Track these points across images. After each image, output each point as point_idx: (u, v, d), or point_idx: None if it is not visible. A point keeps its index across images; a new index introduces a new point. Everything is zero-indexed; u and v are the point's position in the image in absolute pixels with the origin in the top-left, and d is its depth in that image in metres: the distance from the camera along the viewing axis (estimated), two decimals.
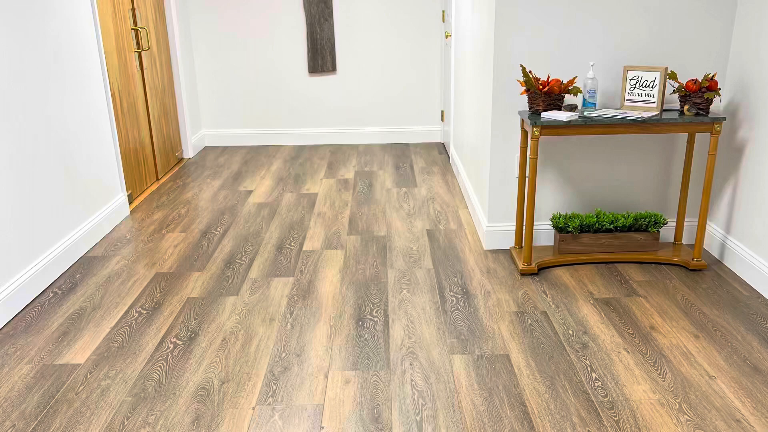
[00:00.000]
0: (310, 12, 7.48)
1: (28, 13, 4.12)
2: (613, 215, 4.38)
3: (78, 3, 4.74)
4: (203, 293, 4.09)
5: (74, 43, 4.68)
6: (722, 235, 4.42)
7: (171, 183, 6.41)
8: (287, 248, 4.75)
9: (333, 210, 5.56)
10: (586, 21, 4.17)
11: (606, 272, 4.26)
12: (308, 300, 3.98)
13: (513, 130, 4.40)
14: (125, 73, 5.72)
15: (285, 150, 7.73)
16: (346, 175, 6.61)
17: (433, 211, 5.49)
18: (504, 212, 4.62)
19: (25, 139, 4.04)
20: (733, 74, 4.24)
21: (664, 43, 4.23)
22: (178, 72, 7.10)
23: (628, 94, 4.08)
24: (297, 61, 7.73)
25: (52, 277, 4.29)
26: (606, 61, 4.26)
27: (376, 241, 4.85)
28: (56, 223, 4.41)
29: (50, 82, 4.36)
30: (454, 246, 4.74)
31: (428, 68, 7.79)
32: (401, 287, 4.12)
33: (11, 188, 3.91)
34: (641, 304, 3.83)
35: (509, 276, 4.25)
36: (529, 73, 3.99)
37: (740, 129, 4.20)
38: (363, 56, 7.73)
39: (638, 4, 4.14)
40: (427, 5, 7.53)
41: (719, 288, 4.02)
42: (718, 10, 4.16)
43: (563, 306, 3.84)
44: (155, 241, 4.92)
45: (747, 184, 4.15)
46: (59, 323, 3.76)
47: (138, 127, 6.00)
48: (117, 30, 5.55)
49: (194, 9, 7.49)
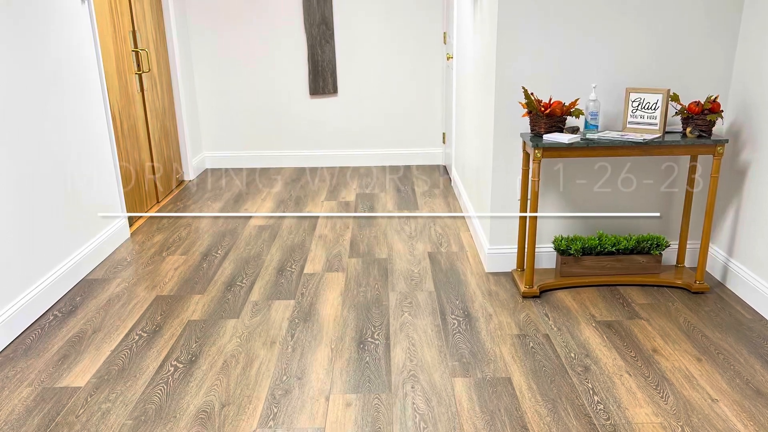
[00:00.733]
0: (311, 34, 7.54)
1: (29, 35, 4.16)
2: (615, 238, 4.40)
3: (78, 24, 4.79)
4: (204, 316, 4.11)
5: (75, 64, 4.73)
6: (725, 257, 4.44)
7: (171, 205, 6.44)
8: (288, 271, 4.78)
9: (334, 232, 5.58)
10: (588, 43, 4.21)
11: (608, 295, 4.28)
12: (309, 323, 4.00)
13: (515, 153, 4.43)
14: (125, 94, 5.77)
15: (286, 172, 7.77)
16: (348, 198, 6.64)
17: (434, 233, 5.52)
18: (506, 235, 4.64)
19: (25, 161, 4.08)
20: (736, 96, 4.27)
21: (666, 65, 4.26)
22: (179, 94, 7.15)
23: (631, 116, 4.11)
24: (298, 83, 7.78)
25: (52, 299, 4.31)
26: (608, 83, 4.29)
27: (378, 264, 4.87)
28: (56, 246, 4.43)
29: (50, 103, 4.40)
30: (456, 268, 4.77)
31: (430, 90, 7.83)
32: (402, 310, 4.14)
33: (11, 210, 3.94)
34: (643, 327, 3.85)
35: (511, 299, 4.27)
36: (530, 95, 4.02)
37: (743, 151, 4.23)
38: (364, 78, 7.78)
39: (641, 25, 4.18)
40: (428, 27, 7.59)
41: (722, 311, 4.04)
42: (721, 32, 4.20)
43: (565, 329, 3.86)
44: (156, 263, 4.95)
45: (750, 206, 4.18)
46: (59, 346, 3.78)
47: (138, 149, 6.04)
48: (117, 52, 5.61)
49: (195, 31, 7.55)
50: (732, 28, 4.19)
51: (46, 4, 4.35)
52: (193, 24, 7.53)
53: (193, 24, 7.53)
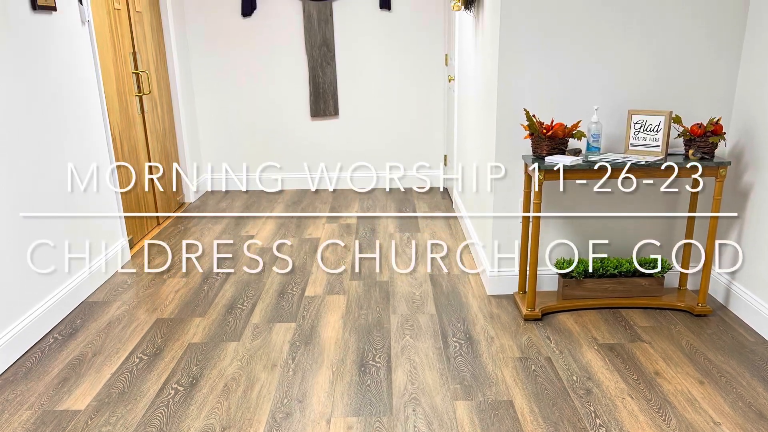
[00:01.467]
0: (312, 56, 7.60)
1: (29, 55, 4.21)
2: (617, 260, 4.43)
3: (79, 46, 4.84)
4: (205, 339, 4.13)
5: (75, 86, 4.77)
6: (727, 280, 4.46)
7: (172, 228, 6.47)
8: (289, 293, 4.80)
9: (335, 255, 5.61)
10: (590, 65, 4.24)
11: (610, 318, 4.29)
12: (310, 345, 4.02)
13: (516, 175, 4.46)
14: (126, 116, 5.81)
15: (287, 194, 7.80)
16: (349, 220, 6.67)
17: (436, 256, 5.54)
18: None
19: (25, 183, 4.11)
20: (738, 118, 4.29)
21: (668, 87, 4.29)
22: (179, 116, 7.20)
23: (633, 138, 4.14)
24: (299, 105, 7.83)
25: (52, 322, 4.34)
26: (610, 105, 4.32)
27: (379, 286, 4.89)
28: (57, 268, 4.46)
29: (51, 125, 4.43)
30: (457, 291, 4.79)
31: (431, 112, 7.88)
32: (404, 333, 4.16)
33: (12, 232, 3.97)
34: (646, 350, 3.87)
35: (513, 321, 4.29)
36: (532, 117, 4.06)
37: (745, 173, 4.26)
38: (365, 100, 7.83)
39: (643, 47, 4.21)
40: (430, 49, 7.65)
41: (724, 333, 4.06)
42: (723, 54, 4.23)
43: (567, 352, 3.87)
44: (156, 286, 4.97)
45: (752, 228, 4.20)
46: (60, 369, 3.80)
47: (139, 172, 6.07)
48: (118, 73, 5.66)
49: (195, 53, 7.61)
50: (734, 50, 4.23)
51: (46, 25, 4.40)
52: (193, 45, 7.59)
53: (194, 45, 7.59)
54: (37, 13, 4.28)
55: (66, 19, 4.66)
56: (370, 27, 7.57)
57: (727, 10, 4.14)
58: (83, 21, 4.90)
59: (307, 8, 7.42)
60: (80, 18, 4.86)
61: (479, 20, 4.96)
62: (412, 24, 7.55)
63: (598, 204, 4.51)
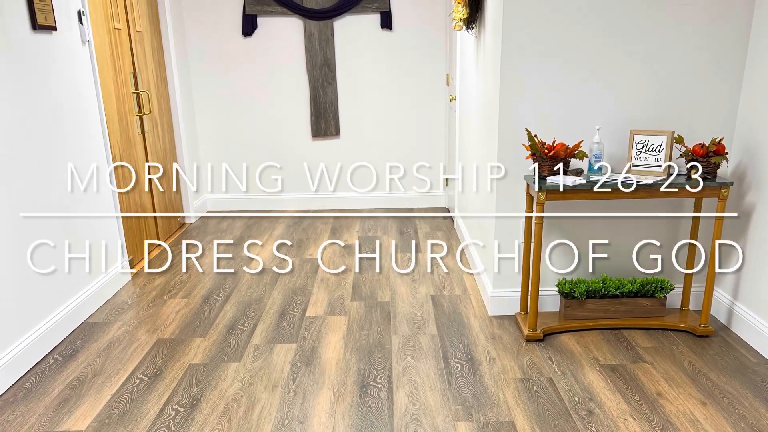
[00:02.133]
0: (313, 76, 7.64)
1: (29, 75, 4.26)
2: (619, 281, 4.45)
3: (79, 66, 4.89)
4: (205, 359, 4.15)
5: (75, 106, 4.81)
6: (729, 300, 4.48)
7: (173, 248, 6.50)
8: (290, 314, 4.83)
9: (336, 275, 5.63)
10: (591, 84, 4.27)
11: (612, 338, 4.32)
12: (311, 366, 4.04)
13: (518, 195, 4.49)
14: (126, 136, 5.85)
15: (288, 214, 7.83)
16: (350, 240, 6.70)
17: (437, 276, 5.57)
18: (509, 278, 4.69)
19: (25, 203, 4.15)
20: (741, 138, 4.32)
21: (671, 107, 4.31)
22: (180, 136, 7.24)
23: (635, 158, 4.16)
24: (300, 125, 7.88)
25: (52, 343, 4.36)
26: (612, 124, 4.34)
27: (380, 307, 4.92)
28: (57, 289, 4.49)
29: (51, 145, 4.47)
30: (459, 312, 4.81)
31: (432, 132, 7.92)
32: (405, 353, 4.18)
33: (12, 253, 4.00)
34: (648, 371, 3.89)
35: (514, 342, 4.31)
36: (534, 137, 4.09)
37: (748, 193, 4.29)
38: (366, 120, 7.87)
39: (645, 67, 4.24)
40: (431, 69, 7.70)
41: (726, 354, 4.08)
42: (726, 74, 4.26)
43: (569, 372, 3.90)
44: (157, 306, 5.00)
45: (754, 249, 4.23)
46: (60, 390, 3.82)
47: (139, 192, 6.11)
48: (118, 93, 5.70)
49: (196, 73, 7.66)
50: (736, 70, 4.25)
51: (46, 45, 4.46)
52: (194, 65, 7.65)
53: (195, 65, 7.65)
54: (37, 33, 4.33)
55: (66, 39, 4.71)
56: (372, 47, 7.62)
57: (730, 30, 4.18)
58: (83, 41, 4.95)
59: (308, 28, 7.48)
60: (80, 38, 4.91)
61: (480, 40, 4.99)
62: (413, 44, 7.61)
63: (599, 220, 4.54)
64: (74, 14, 4.82)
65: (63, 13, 4.66)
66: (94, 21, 5.22)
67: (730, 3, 4.12)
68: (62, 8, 4.66)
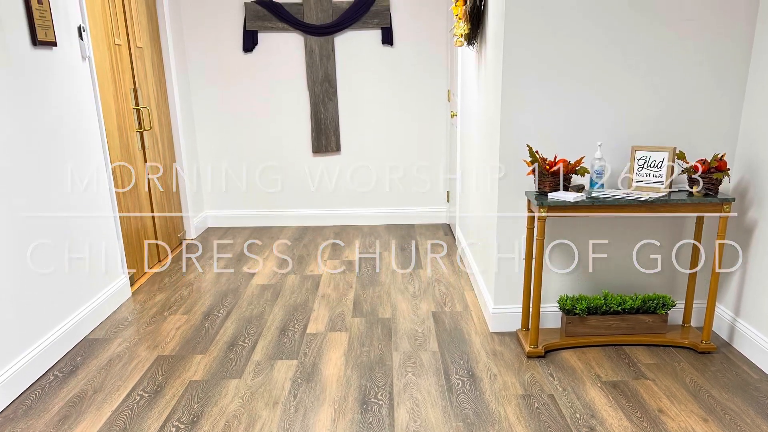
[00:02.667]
0: (314, 91, 7.68)
1: (29, 91, 4.29)
2: (620, 297, 4.47)
3: (79, 82, 4.93)
4: (206, 376, 4.17)
5: (75, 122, 4.85)
6: (731, 317, 4.50)
7: (173, 264, 6.53)
8: (291, 330, 4.84)
9: (337, 292, 5.66)
10: (593, 100, 4.29)
11: (614, 355, 4.33)
12: (312, 383, 4.06)
13: (519, 211, 4.52)
14: (127, 152, 5.89)
15: (288, 231, 7.86)
16: (351, 257, 6.72)
17: (438, 293, 5.59)
18: (510, 294, 4.71)
19: (26, 220, 4.18)
20: (743, 154, 4.34)
21: (672, 123, 4.33)
22: (180, 152, 7.28)
23: (636, 174, 4.18)
24: (301, 141, 7.91)
25: (53, 359, 4.38)
26: (614, 140, 4.36)
27: (381, 324, 4.93)
28: (57, 305, 4.51)
29: (51, 161, 4.50)
30: (460, 328, 4.83)
31: (433, 148, 7.95)
32: (406, 370, 4.20)
33: (12, 270, 4.03)
34: (649, 387, 3.90)
35: (516, 359, 4.33)
36: (535, 153, 4.11)
37: (749, 210, 4.31)
38: (368, 136, 7.91)
39: (646, 83, 4.27)
40: (432, 84, 7.74)
41: (728, 371, 4.10)
42: (727, 90, 4.28)
43: (570, 389, 3.91)
44: (157, 323, 5.02)
45: (756, 265, 4.25)
46: (60, 406, 3.84)
47: (140, 208, 6.14)
48: (118, 109, 5.74)
49: (196, 89, 7.71)
50: (738, 86, 4.28)
51: (46, 61, 4.50)
52: (194, 81, 7.69)
53: (195, 81, 7.69)
54: (37, 48, 4.37)
55: (66, 54, 4.75)
56: (373, 62, 7.67)
57: (732, 45, 4.20)
58: (84, 56, 4.99)
59: (308, 43, 7.52)
60: (81, 53, 4.95)
61: (482, 56, 5.03)
62: (414, 59, 7.65)
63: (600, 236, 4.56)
64: (74, 30, 4.86)
65: (63, 28, 4.71)
66: (94, 37, 5.27)
67: (731, 18, 4.15)
68: (62, 24, 4.70)
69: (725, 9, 4.13)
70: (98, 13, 5.36)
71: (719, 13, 4.14)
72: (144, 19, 6.44)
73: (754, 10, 4.13)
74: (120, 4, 5.83)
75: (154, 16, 6.77)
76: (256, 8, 7.39)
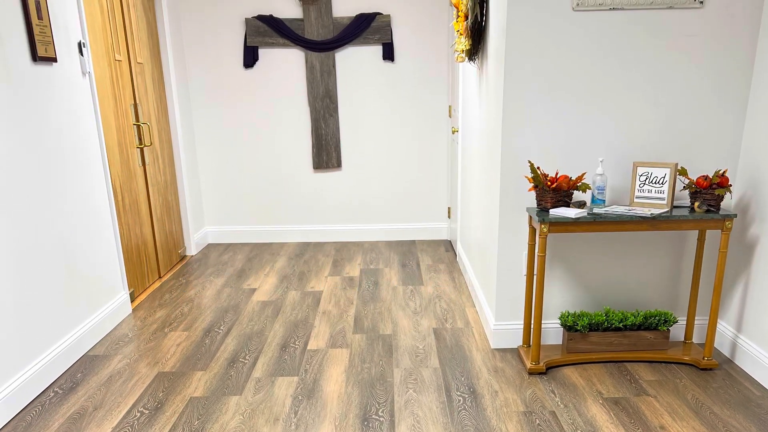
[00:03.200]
0: (315, 107, 7.72)
1: (29, 107, 4.32)
2: (622, 313, 4.49)
3: (79, 98, 4.96)
4: (206, 393, 4.19)
5: (76, 138, 4.88)
6: (733, 333, 4.52)
7: (174, 281, 6.55)
8: (292, 347, 4.86)
9: (338, 308, 5.68)
10: (595, 116, 4.32)
11: (615, 371, 4.35)
12: (313, 399, 4.08)
13: (521, 227, 4.55)
14: (127, 168, 5.92)
15: (289, 247, 7.89)
16: (352, 273, 6.75)
17: (439, 309, 5.61)
18: (512, 310, 4.73)
19: (26, 236, 4.21)
20: (745, 170, 4.36)
21: (674, 139, 4.36)
22: (181, 168, 7.32)
23: (638, 190, 4.21)
24: (301, 157, 7.95)
25: (53, 376, 4.41)
26: (615, 156, 4.39)
27: (382, 340, 4.95)
28: (57, 322, 4.54)
29: (51, 177, 4.53)
30: (461, 345, 4.85)
31: (435, 164, 7.99)
32: (407, 386, 4.22)
33: (12, 286, 4.06)
34: (651, 404, 3.92)
35: (517, 375, 4.35)
36: (537, 169, 4.13)
37: (751, 226, 4.33)
38: (368, 152, 7.95)
39: (648, 99, 4.29)
40: (433, 100, 7.78)
41: (730, 387, 4.11)
42: (729, 106, 4.30)
43: (572, 406, 3.93)
44: (158, 339, 5.04)
45: (758, 281, 4.27)
46: (60, 423, 3.85)
47: (140, 224, 6.18)
48: (119, 125, 5.78)
49: (197, 104, 7.75)
50: (740, 101, 4.30)
51: (47, 77, 4.53)
52: (195, 97, 7.74)
53: (195, 97, 7.74)
54: (37, 64, 4.41)
55: (67, 70, 4.79)
56: (374, 78, 7.71)
57: (733, 61, 4.23)
58: (84, 72, 5.02)
59: (309, 59, 7.57)
60: (81, 69, 4.99)
61: (483, 71, 5.06)
62: (415, 75, 7.70)
63: (602, 253, 4.59)
64: (75, 46, 4.91)
65: (63, 44, 4.75)
66: (94, 52, 5.31)
67: (733, 34, 4.19)
68: (63, 40, 4.74)
69: (727, 24, 4.17)
70: (98, 28, 5.41)
71: (721, 29, 4.18)
72: (144, 35, 6.49)
73: (756, 25, 4.17)
74: (120, 20, 5.88)
75: (155, 32, 6.82)
76: (257, 24, 7.45)
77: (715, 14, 4.14)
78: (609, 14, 4.14)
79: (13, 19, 4.12)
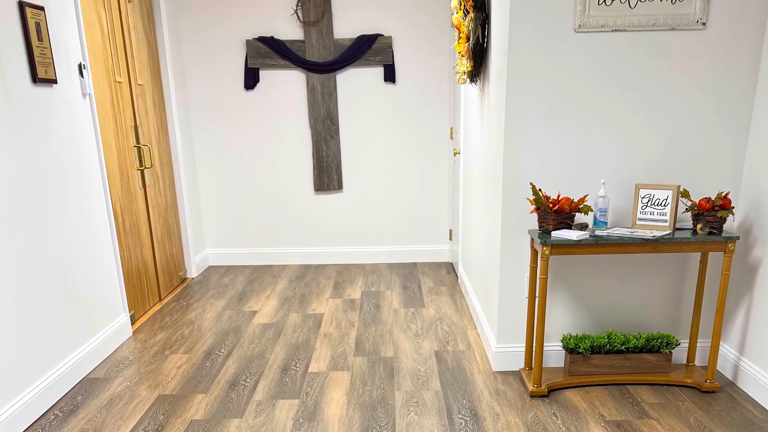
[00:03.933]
0: (316, 129, 7.76)
1: (29, 129, 4.36)
2: (624, 336, 4.51)
3: (79, 120, 5.00)
4: (207, 415, 4.21)
5: (76, 159, 4.91)
6: (736, 356, 4.54)
7: (174, 303, 6.58)
8: (293, 369, 4.89)
9: (339, 331, 5.70)
10: (596, 138, 4.35)
11: (617, 394, 4.37)
12: (314, 422, 4.10)
13: (522, 249, 4.58)
14: (127, 190, 5.97)
15: (290, 269, 7.92)
16: (353, 295, 6.77)
17: (441, 331, 5.63)
18: (513, 333, 4.76)
19: (25, 259, 4.24)
20: (747, 192, 4.39)
21: (676, 161, 4.39)
22: (182, 190, 7.37)
23: (640, 212, 4.24)
24: (302, 179, 8.00)
25: (53, 399, 4.43)
26: (617, 178, 4.42)
27: (383, 363, 4.98)
28: (57, 344, 4.57)
29: (51, 199, 4.57)
30: (463, 367, 4.87)
31: (436, 186, 8.04)
32: (409, 409, 4.24)
33: (12, 308, 4.09)
34: (653, 427, 3.94)
35: (519, 398, 4.37)
36: (538, 191, 4.17)
37: (754, 248, 4.36)
38: (370, 174, 8.00)
39: (650, 121, 4.32)
40: (435, 122, 7.83)
41: (733, 410, 4.14)
42: (731, 128, 4.34)
43: (574, 429, 3.95)
44: (158, 362, 5.07)
45: (761, 304, 4.30)
46: None
47: (140, 246, 6.22)
48: (119, 147, 5.83)
49: (197, 126, 7.81)
50: (743, 123, 4.33)
51: (47, 99, 4.58)
52: (195, 119, 7.79)
53: (196, 119, 7.79)
54: (37, 86, 4.45)
55: (67, 92, 4.83)
56: (375, 100, 7.77)
57: (736, 83, 4.27)
58: (84, 94, 5.07)
59: (310, 81, 7.63)
60: (81, 91, 5.03)
61: (485, 93, 5.11)
62: (417, 97, 7.75)
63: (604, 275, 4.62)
64: (75, 67, 4.95)
65: (63, 66, 4.79)
66: (95, 74, 5.37)
67: (736, 56, 4.23)
68: (63, 61, 4.79)
69: (729, 46, 4.21)
70: (99, 50, 5.47)
71: (723, 51, 4.22)
72: (145, 57, 6.55)
73: (759, 47, 4.21)
74: (121, 42, 5.95)
75: (155, 54, 6.88)
76: (258, 45, 7.51)
77: (718, 36, 4.19)
78: (611, 36, 4.19)
79: (13, 41, 4.17)
